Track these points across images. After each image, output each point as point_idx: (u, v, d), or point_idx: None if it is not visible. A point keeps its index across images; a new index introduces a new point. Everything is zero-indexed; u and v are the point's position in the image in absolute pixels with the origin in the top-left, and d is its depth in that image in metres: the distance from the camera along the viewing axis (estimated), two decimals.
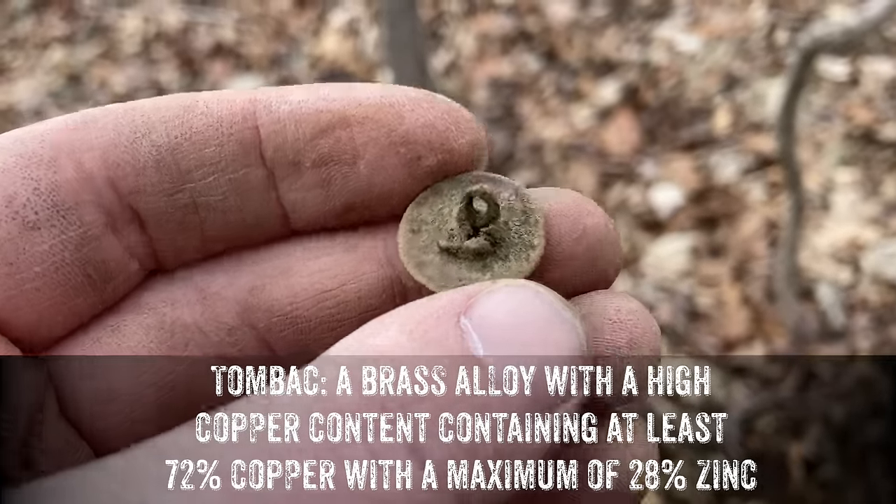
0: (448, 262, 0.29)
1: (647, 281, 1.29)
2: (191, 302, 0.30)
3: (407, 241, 0.29)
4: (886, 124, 1.44)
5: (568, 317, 0.24)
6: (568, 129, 1.54)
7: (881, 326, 1.19)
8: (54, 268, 0.27)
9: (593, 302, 0.28)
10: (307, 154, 0.29)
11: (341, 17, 1.87)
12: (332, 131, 0.29)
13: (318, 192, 0.29)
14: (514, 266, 0.28)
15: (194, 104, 0.28)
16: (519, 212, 0.29)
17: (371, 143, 0.29)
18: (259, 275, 0.30)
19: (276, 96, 0.29)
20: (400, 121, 0.28)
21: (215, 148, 0.28)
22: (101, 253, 0.28)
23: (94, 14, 1.99)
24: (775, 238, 1.30)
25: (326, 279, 0.30)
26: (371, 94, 0.29)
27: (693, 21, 1.70)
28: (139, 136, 0.28)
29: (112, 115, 0.28)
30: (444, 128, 0.29)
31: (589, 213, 0.29)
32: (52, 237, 0.27)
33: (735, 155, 1.45)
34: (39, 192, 0.27)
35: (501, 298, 0.24)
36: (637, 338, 0.27)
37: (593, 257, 0.29)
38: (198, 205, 0.29)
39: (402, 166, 0.29)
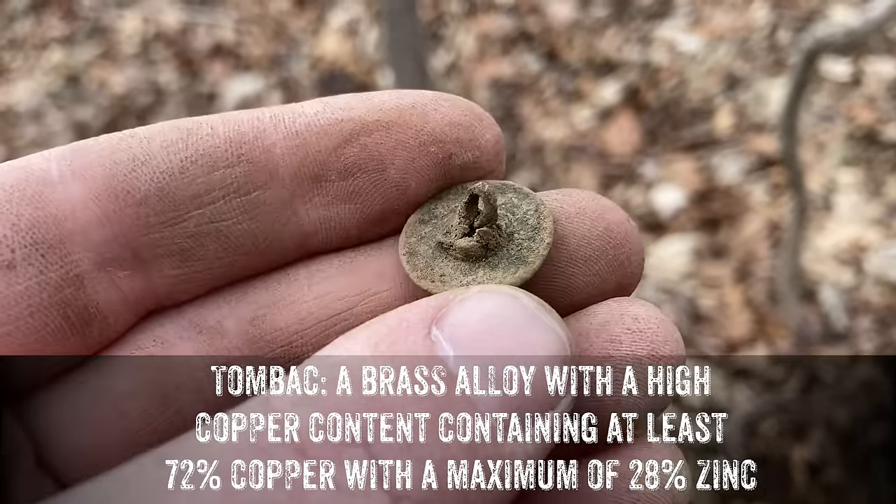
0: (438, 257, 0.28)
1: (649, 283, 1.29)
2: (184, 338, 0.28)
3: (411, 228, 0.29)
4: (889, 125, 1.44)
5: (547, 320, 0.23)
6: (569, 130, 1.54)
7: (884, 328, 1.19)
8: (29, 311, 0.25)
9: (611, 310, 0.27)
10: (332, 166, 0.27)
11: (341, 18, 1.87)
12: (357, 139, 0.27)
13: (347, 206, 0.28)
14: (500, 276, 0.27)
15: (198, 127, 0.27)
16: (530, 227, 0.28)
17: (400, 147, 0.28)
18: (260, 304, 0.28)
19: (287, 112, 0.27)
20: (425, 121, 0.28)
21: (224, 170, 0.27)
22: (86, 295, 0.26)
23: (93, 15, 1.99)
24: (778, 239, 1.30)
25: (334, 302, 0.28)
26: (389, 99, 0.28)
27: (694, 21, 1.69)
28: (138, 165, 0.26)
29: (106, 143, 0.26)
30: (470, 124, 0.28)
31: (609, 209, 0.28)
32: (29, 278, 0.25)
33: (737, 156, 1.44)
34: (18, 228, 0.25)
35: (473, 305, 0.23)
36: (658, 348, 0.26)
37: (620, 255, 0.28)
38: (204, 234, 0.27)
39: (434, 166, 0.28)
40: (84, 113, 1.79)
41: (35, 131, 1.74)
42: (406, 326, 0.22)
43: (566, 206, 0.29)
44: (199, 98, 1.79)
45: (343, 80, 1.74)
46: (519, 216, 0.29)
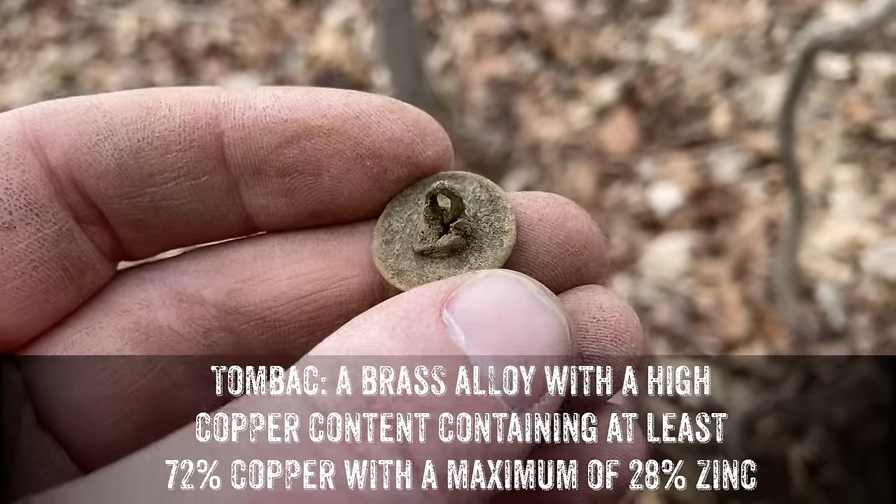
0: (425, 265, 0.29)
1: (646, 281, 1.28)
2: (166, 304, 0.30)
3: (382, 252, 0.29)
4: (886, 122, 1.44)
5: (549, 305, 0.24)
6: (565, 129, 1.53)
7: (882, 326, 1.19)
8: (32, 266, 0.27)
9: (578, 299, 0.28)
10: (271, 163, 0.29)
11: (337, 17, 1.86)
12: (297, 142, 0.28)
13: (283, 200, 0.29)
14: (490, 254, 0.28)
15: (157, 106, 0.28)
16: (486, 202, 0.29)
17: (336, 156, 0.28)
18: (237, 278, 0.30)
19: (240, 100, 0.28)
20: (366, 133, 0.28)
21: (176, 153, 0.28)
22: (76, 246, 0.28)
23: (88, 14, 1.98)
24: (775, 237, 1.30)
25: (305, 283, 0.30)
26: (336, 104, 0.28)
27: (691, 19, 1.69)
28: (101, 139, 0.28)
29: (73, 112, 0.28)
30: (411, 140, 0.29)
31: (571, 217, 0.29)
32: (28, 235, 0.27)
33: (734, 154, 1.44)
34: (11, 191, 0.27)
35: (482, 290, 0.24)
36: (620, 334, 0.28)
37: (578, 263, 0.29)
38: (159, 208, 0.29)
39: (368, 179, 0.29)
40: None
41: None
42: (420, 310, 0.24)
43: (529, 213, 0.29)
44: None
45: (339, 80, 1.74)
46: (470, 196, 0.30)
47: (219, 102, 0.28)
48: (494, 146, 1.51)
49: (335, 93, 0.29)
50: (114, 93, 0.29)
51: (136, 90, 0.29)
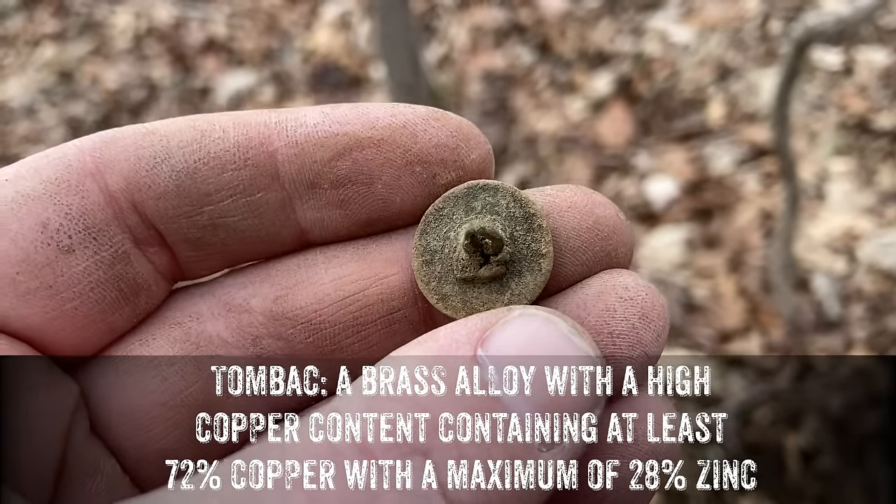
0: (467, 290, 0.30)
1: (643, 273, 1.29)
2: (215, 315, 0.31)
3: (424, 274, 0.31)
4: (880, 113, 1.44)
5: (579, 342, 0.26)
6: (562, 122, 1.54)
7: (877, 316, 1.19)
8: (90, 287, 0.29)
9: (604, 282, 0.30)
10: (325, 176, 0.30)
11: (333, 11, 1.87)
12: (350, 153, 0.30)
13: (337, 211, 0.31)
14: (530, 279, 0.30)
15: (211, 128, 0.30)
16: (521, 219, 0.30)
17: (387, 164, 0.30)
18: (282, 285, 0.31)
19: (291, 119, 0.30)
20: (413, 141, 0.30)
21: (232, 172, 0.29)
22: (131, 269, 0.30)
23: (84, 10, 1.98)
24: (770, 229, 1.30)
25: (348, 284, 0.31)
26: (383, 116, 0.30)
27: (686, 12, 1.69)
28: (159, 162, 0.29)
29: (131, 138, 0.29)
30: (455, 145, 0.30)
31: (599, 204, 0.31)
32: (86, 258, 0.28)
33: (729, 146, 1.44)
34: (71, 216, 0.28)
35: (515, 331, 0.26)
36: (647, 312, 0.29)
37: (608, 247, 0.30)
38: (216, 225, 0.30)
39: (418, 185, 0.31)
40: (77, 109, 1.79)
41: (28, 127, 1.73)
42: (455, 347, 0.25)
43: (558, 201, 0.31)
44: (193, 93, 1.78)
45: (336, 74, 1.74)
46: (504, 214, 0.31)
47: (270, 122, 0.30)
48: (491, 139, 1.52)
49: (381, 106, 0.30)
50: (168, 119, 0.30)
51: (189, 116, 0.30)
